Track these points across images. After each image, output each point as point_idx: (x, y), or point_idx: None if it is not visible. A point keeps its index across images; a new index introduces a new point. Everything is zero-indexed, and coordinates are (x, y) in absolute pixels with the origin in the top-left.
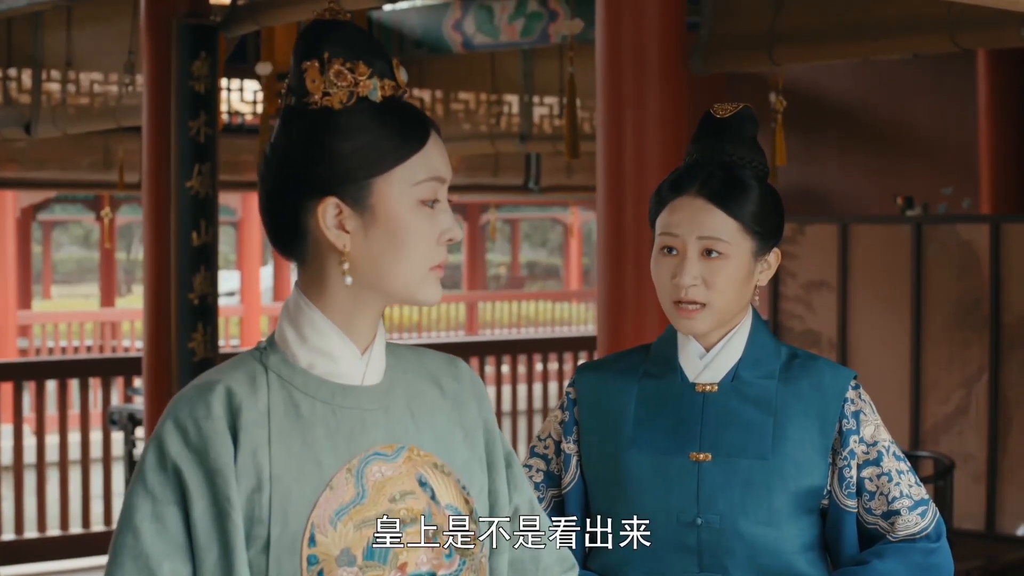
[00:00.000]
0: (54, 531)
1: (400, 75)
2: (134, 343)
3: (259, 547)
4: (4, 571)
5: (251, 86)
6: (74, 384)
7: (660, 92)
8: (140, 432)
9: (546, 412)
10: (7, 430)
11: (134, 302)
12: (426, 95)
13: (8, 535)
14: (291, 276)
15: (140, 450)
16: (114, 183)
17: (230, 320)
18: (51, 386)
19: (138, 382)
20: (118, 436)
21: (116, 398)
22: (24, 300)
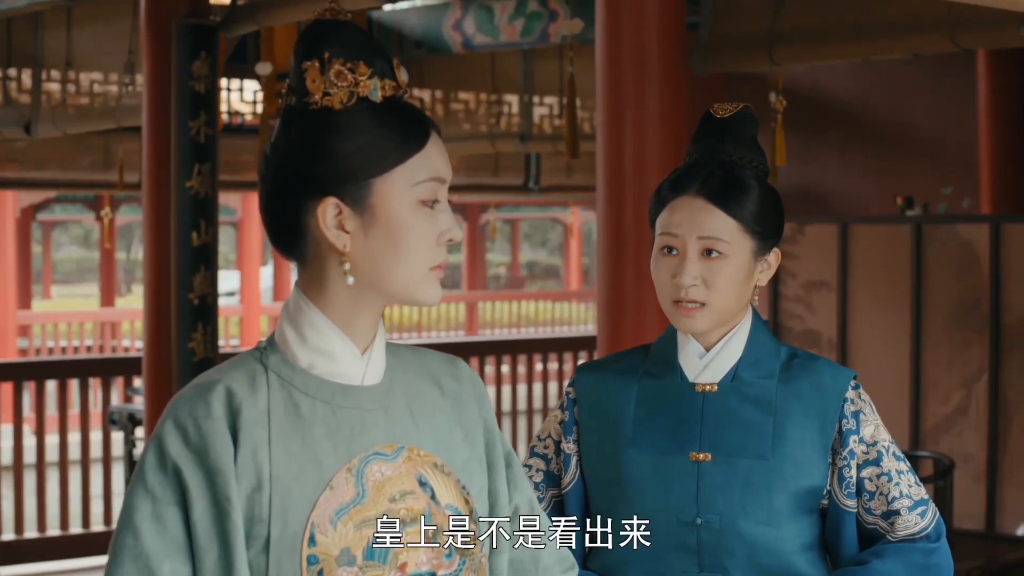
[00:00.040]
0: (54, 531)
1: (400, 75)
2: (134, 343)
3: (259, 547)
4: (4, 571)
5: (251, 86)
6: (74, 384)
7: (660, 92)
8: (140, 432)
9: (546, 412)
10: (7, 430)
11: (134, 302)
12: (426, 95)
13: (8, 535)
14: (291, 276)
15: (140, 450)
16: (114, 183)
17: (230, 320)
18: (51, 386)
19: (138, 382)
20: (118, 436)
21: (116, 398)
22: (24, 300)
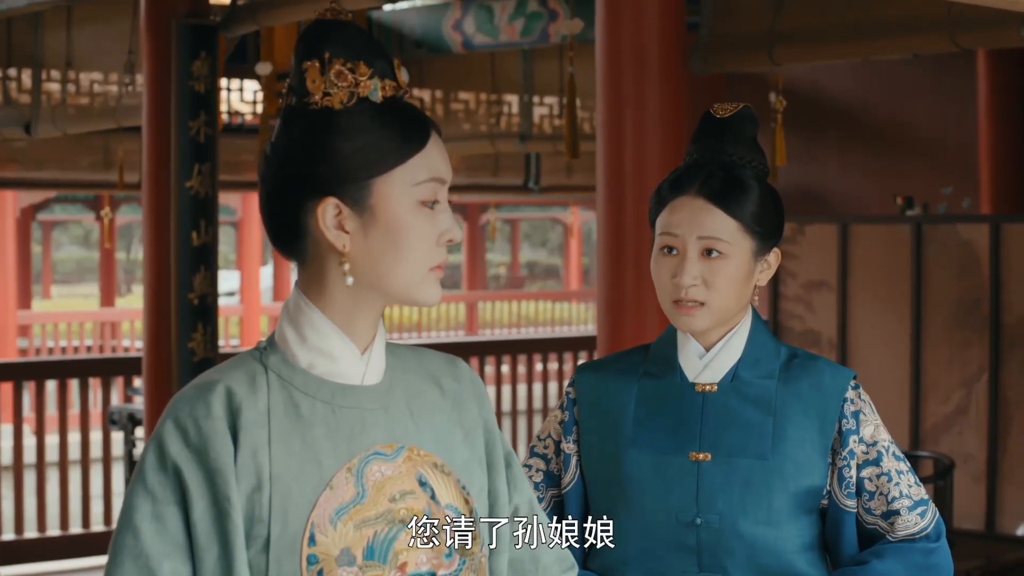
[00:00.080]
0: (54, 531)
1: (401, 76)
2: (134, 343)
3: (259, 547)
4: (4, 571)
5: (251, 86)
6: (74, 384)
7: (660, 92)
8: (140, 432)
9: (546, 412)
10: (7, 430)
11: (134, 302)
12: (426, 95)
13: (8, 535)
14: (291, 276)
15: (140, 450)
16: (114, 183)
17: (230, 320)
18: (51, 386)
19: (138, 382)
20: (118, 436)
21: (116, 398)
22: (24, 300)
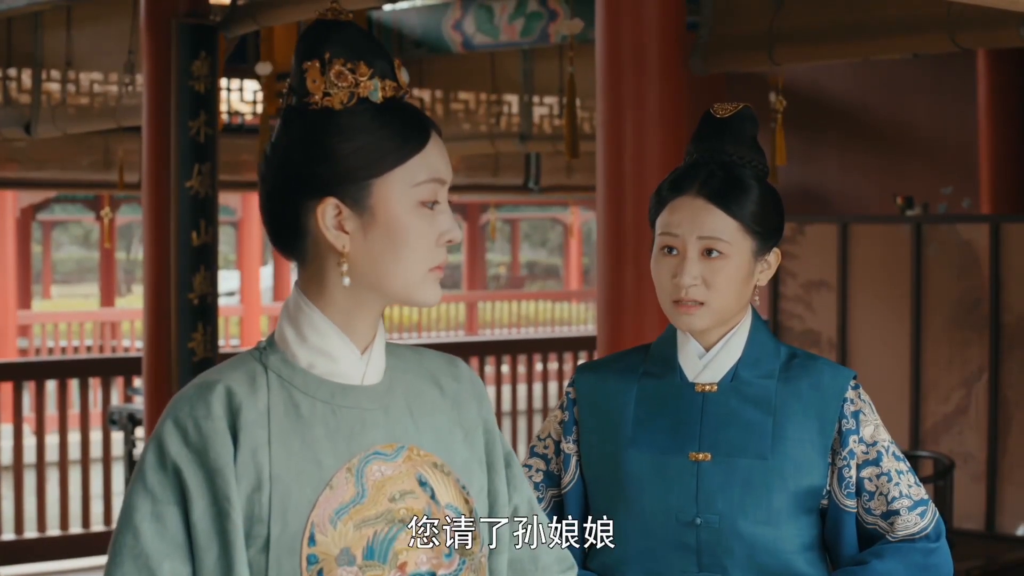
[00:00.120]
0: (54, 531)
1: (401, 76)
2: (134, 343)
3: (259, 546)
4: (4, 571)
5: (251, 86)
6: (74, 384)
7: (660, 92)
8: (140, 432)
9: (546, 412)
10: (7, 430)
11: (134, 302)
12: (426, 95)
13: (8, 535)
14: (291, 276)
15: (140, 450)
16: (114, 183)
17: (230, 320)
18: (51, 386)
19: (138, 382)
20: (118, 436)
21: (116, 398)
22: (24, 300)
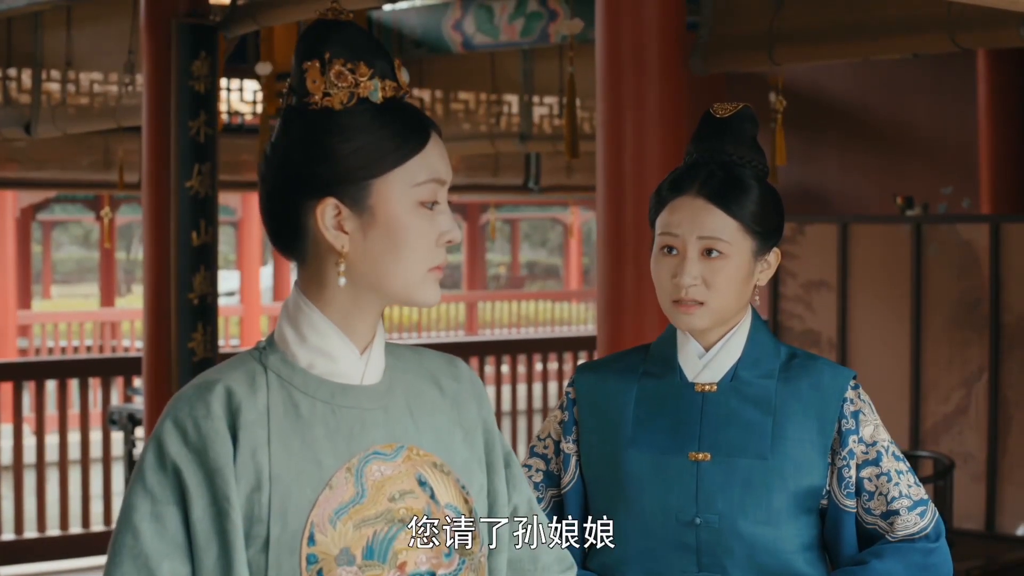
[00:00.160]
0: (54, 531)
1: (401, 76)
2: (134, 343)
3: (258, 546)
4: (4, 571)
5: (251, 86)
6: (74, 384)
7: (660, 92)
8: (140, 432)
9: (546, 412)
10: (7, 430)
11: (134, 302)
12: (426, 95)
13: (8, 535)
14: (291, 276)
15: (140, 450)
16: (114, 183)
17: (230, 320)
18: (51, 386)
19: (138, 382)
20: (118, 436)
21: (116, 398)
22: (24, 300)
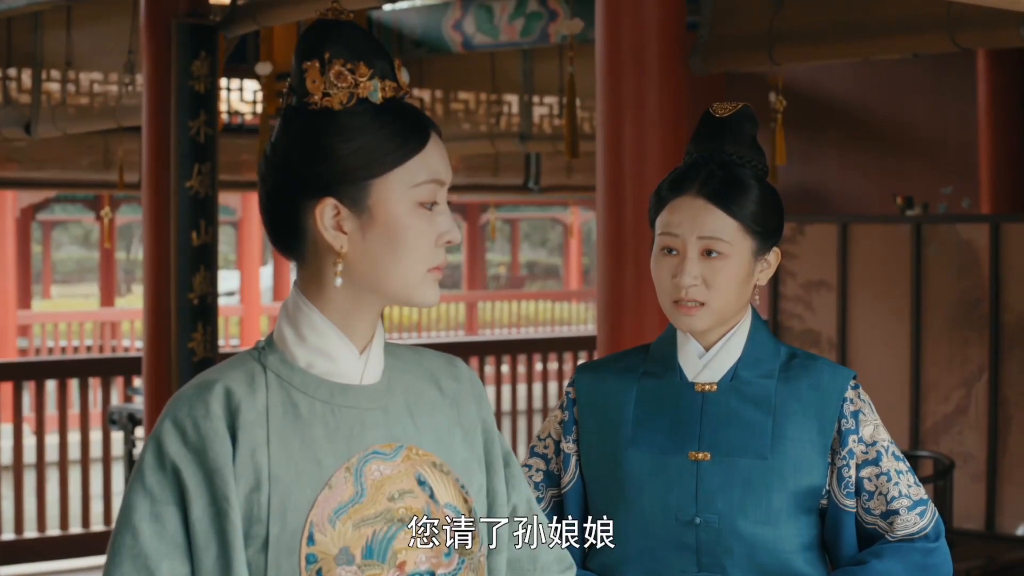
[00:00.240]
0: (54, 531)
1: (401, 76)
2: (134, 343)
3: (258, 546)
4: (4, 571)
5: (251, 86)
6: (74, 384)
7: (660, 92)
8: (140, 432)
9: (546, 412)
10: (7, 430)
11: (134, 302)
12: (426, 95)
13: (8, 535)
14: (291, 276)
15: (140, 450)
16: (114, 183)
17: (230, 320)
18: (51, 386)
19: (138, 382)
20: (118, 436)
21: (116, 398)
22: (24, 300)
